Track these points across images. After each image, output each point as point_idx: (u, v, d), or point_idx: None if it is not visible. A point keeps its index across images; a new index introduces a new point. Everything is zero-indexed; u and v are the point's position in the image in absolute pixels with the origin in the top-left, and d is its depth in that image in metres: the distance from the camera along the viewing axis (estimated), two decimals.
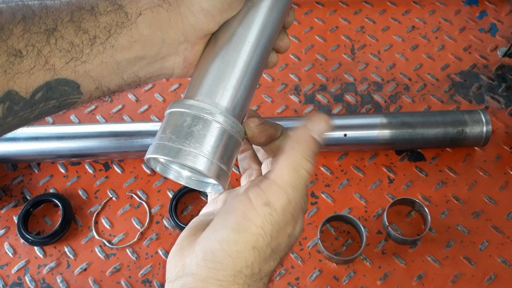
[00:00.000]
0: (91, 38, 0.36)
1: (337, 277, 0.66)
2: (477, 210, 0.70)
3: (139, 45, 0.38)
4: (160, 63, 0.40)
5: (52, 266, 0.68)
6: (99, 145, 0.71)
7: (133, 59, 0.38)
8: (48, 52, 0.34)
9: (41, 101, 0.36)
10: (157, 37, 0.38)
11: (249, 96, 0.41)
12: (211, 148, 0.36)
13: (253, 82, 0.41)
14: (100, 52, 0.36)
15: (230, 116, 0.38)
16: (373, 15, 0.91)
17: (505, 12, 0.91)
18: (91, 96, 0.39)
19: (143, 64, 0.39)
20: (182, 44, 0.39)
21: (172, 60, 0.40)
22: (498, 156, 0.74)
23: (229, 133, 0.37)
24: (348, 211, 0.71)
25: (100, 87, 0.38)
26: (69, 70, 0.35)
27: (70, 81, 0.36)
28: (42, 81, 0.35)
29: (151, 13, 0.37)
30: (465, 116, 0.71)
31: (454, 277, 0.65)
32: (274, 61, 0.47)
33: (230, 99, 0.38)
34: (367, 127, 0.71)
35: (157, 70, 0.40)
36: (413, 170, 0.74)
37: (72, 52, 0.35)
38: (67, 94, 0.37)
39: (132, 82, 0.40)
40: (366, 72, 0.84)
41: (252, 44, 0.40)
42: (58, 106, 0.37)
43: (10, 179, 0.76)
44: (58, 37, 0.35)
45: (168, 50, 0.39)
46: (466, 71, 0.84)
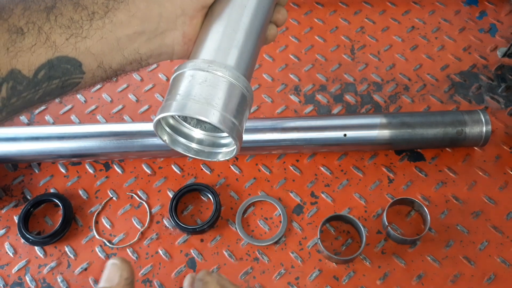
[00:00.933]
0: (89, 13, 0.36)
1: (336, 277, 0.66)
2: (476, 210, 0.70)
3: (137, 19, 0.38)
4: (159, 39, 0.40)
5: (53, 266, 0.69)
6: (100, 145, 0.71)
7: (132, 35, 0.38)
8: (49, 29, 0.35)
9: (44, 81, 0.36)
10: (154, 10, 0.38)
11: (253, 60, 0.40)
12: (221, 102, 0.36)
13: (255, 47, 0.40)
14: (100, 27, 0.37)
15: (237, 72, 0.37)
16: (373, 15, 0.92)
17: (504, 12, 0.91)
18: (93, 75, 0.39)
19: (143, 40, 0.39)
20: (179, 17, 0.40)
21: (171, 35, 0.41)
22: (498, 156, 0.74)
23: (239, 88, 0.37)
24: (347, 211, 0.71)
25: (102, 65, 0.39)
26: (70, 47, 0.36)
27: (72, 58, 0.36)
28: (44, 59, 0.35)
29: None
30: (464, 116, 0.71)
31: (454, 276, 0.65)
32: (274, 33, 0.47)
33: (236, 58, 0.38)
34: (367, 127, 0.71)
35: (157, 48, 0.41)
36: (412, 170, 0.74)
37: (72, 28, 0.36)
38: (69, 73, 0.37)
39: (134, 60, 0.40)
40: (365, 72, 0.85)
41: (252, 11, 0.40)
42: (62, 87, 0.38)
43: (11, 179, 0.76)
44: (57, 14, 0.35)
45: (166, 24, 0.40)
46: (465, 71, 0.84)
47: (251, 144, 0.72)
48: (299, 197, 0.72)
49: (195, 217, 0.71)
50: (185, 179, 0.75)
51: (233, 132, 0.36)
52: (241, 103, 0.37)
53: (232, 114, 0.36)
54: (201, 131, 0.42)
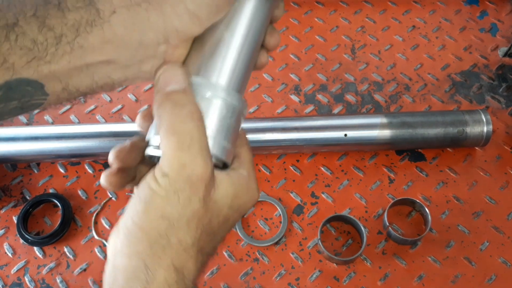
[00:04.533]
0: (56, 36, 0.32)
1: (337, 278, 0.66)
2: (477, 210, 0.70)
3: (112, 46, 0.34)
4: (137, 66, 0.37)
5: (52, 267, 0.68)
6: (99, 145, 0.71)
7: (105, 61, 0.35)
8: (7, 50, 0.31)
9: (1, 101, 0.33)
10: (133, 38, 0.35)
11: (245, 81, 0.40)
12: (215, 128, 0.35)
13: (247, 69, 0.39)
14: (67, 52, 0.33)
15: (231, 90, 0.37)
16: (374, 15, 0.91)
17: (505, 12, 0.91)
18: (58, 97, 0.35)
19: (117, 67, 0.36)
20: (161, 45, 0.36)
21: (151, 63, 0.37)
22: (499, 156, 0.74)
23: (232, 108, 0.36)
24: (348, 211, 0.71)
25: (67, 88, 0.35)
26: (31, 70, 0.32)
27: (33, 81, 0.33)
28: (1, 80, 0.31)
29: (127, 11, 0.34)
30: (465, 116, 0.70)
31: (455, 277, 0.65)
32: (264, 61, 0.44)
33: (228, 77, 0.37)
34: (368, 127, 0.71)
35: (133, 74, 0.37)
36: (413, 170, 0.74)
37: (34, 51, 0.32)
38: (30, 94, 0.33)
39: (105, 85, 0.37)
40: (366, 72, 0.84)
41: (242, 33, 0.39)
42: (21, 108, 0.34)
43: (10, 179, 0.76)
44: (19, 33, 0.31)
45: (146, 52, 0.36)
46: (466, 71, 0.83)
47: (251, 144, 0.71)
48: (299, 197, 0.72)
49: None
50: None
51: (226, 157, 0.37)
52: (234, 124, 0.37)
53: (224, 137, 0.36)
54: None
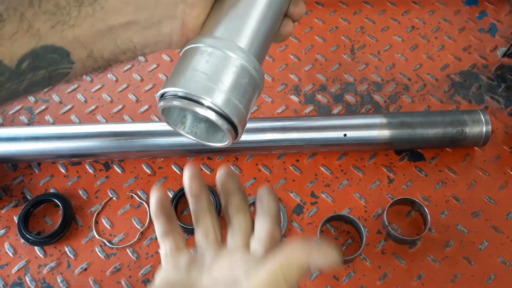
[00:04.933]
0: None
1: (337, 277, 0.66)
2: (476, 210, 0.70)
3: (131, 6, 0.34)
4: (156, 28, 0.37)
5: (53, 266, 0.69)
6: (100, 145, 0.71)
7: (126, 23, 0.35)
8: (32, 15, 0.31)
9: (28, 71, 0.33)
10: None
11: (265, 49, 0.38)
12: (229, 84, 0.34)
13: (268, 35, 0.37)
14: (90, 14, 0.33)
15: (250, 55, 0.35)
16: (373, 16, 0.92)
17: (504, 12, 0.91)
18: (84, 65, 0.36)
19: (137, 29, 0.36)
20: (179, 5, 0.36)
21: (169, 25, 0.37)
22: (498, 156, 0.74)
23: (250, 72, 0.35)
24: (348, 211, 0.71)
25: (92, 55, 0.35)
26: (56, 35, 0.32)
27: (58, 47, 0.33)
28: (27, 49, 0.32)
29: None
30: (464, 116, 0.71)
31: (454, 276, 0.65)
32: (289, 29, 0.42)
33: (249, 42, 0.36)
34: (367, 127, 0.71)
35: (153, 37, 0.37)
36: (412, 170, 0.74)
37: (58, 15, 0.32)
38: (56, 63, 0.34)
39: (128, 50, 0.37)
40: (365, 72, 0.85)
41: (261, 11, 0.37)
42: (49, 77, 0.34)
43: (11, 179, 0.76)
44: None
45: (164, 11, 0.36)
46: (465, 71, 0.84)
47: (251, 144, 0.72)
48: (299, 197, 0.72)
49: None
50: None
51: (238, 118, 0.34)
52: (252, 89, 0.35)
53: (240, 100, 0.34)
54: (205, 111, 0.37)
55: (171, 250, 0.42)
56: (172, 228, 0.43)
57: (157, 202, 0.42)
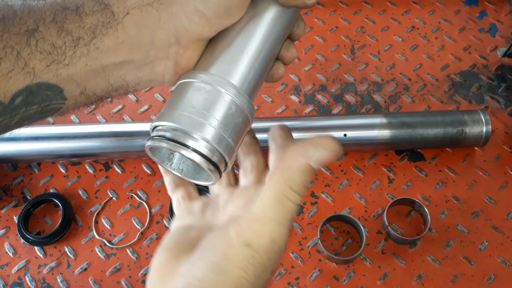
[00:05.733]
0: (74, 39, 0.33)
1: (337, 277, 0.66)
2: (476, 210, 0.70)
3: (126, 47, 0.35)
4: (149, 67, 0.37)
5: (53, 266, 0.69)
6: (100, 145, 0.71)
7: (119, 63, 0.36)
8: (28, 55, 0.32)
9: (21, 106, 0.33)
10: (145, 38, 0.35)
11: (257, 87, 0.39)
12: (219, 119, 0.34)
13: (259, 76, 0.38)
14: (84, 54, 0.34)
15: (242, 93, 0.36)
16: (373, 15, 0.92)
17: (504, 12, 0.91)
18: (76, 101, 0.36)
19: (130, 68, 0.37)
20: (172, 46, 0.37)
21: (163, 64, 0.38)
22: (498, 156, 0.74)
23: (240, 108, 0.35)
24: (348, 211, 0.71)
25: (84, 92, 0.36)
26: (50, 74, 0.33)
27: (52, 85, 0.34)
28: (22, 85, 0.32)
29: (140, 12, 0.35)
30: (464, 116, 0.71)
31: (454, 277, 0.65)
32: (281, 72, 0.43)
33: (241, 79, 0.36)
34: (367, 127, 0.71)
35: (146, 75, 0.38)
36: (413, 170, 0.74)
37: (53, 55, 0.33)
38: (49, 99, 0.34)
39: (120, 88, 0.38)
40: (366, 72, 0.85)
41: (259, 40, 0.38)
42: (41, 112, 0.35)
43: (11, 179, 0.76)
44: (39, 39, 0.32)
45: (157, 52, 0.37)
46: (465, 71, 0.84)
47: None
48: None
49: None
50: None
51: (228, 154, 0.35)
52: (243, 126, 0.36)
53: (230, 136, 0.35)
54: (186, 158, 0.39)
55: (183, 198, 0.42)
56: (182, 180, 0.42)
57: None
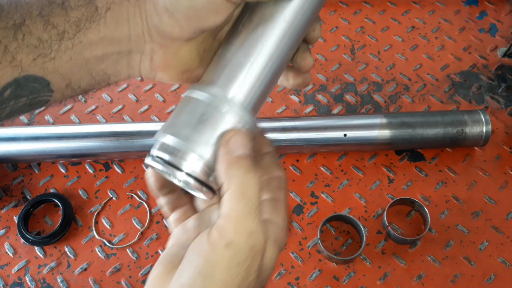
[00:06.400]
0: (59, 33, 0.35)
1: (337, 277, 0.66)
2: (476, 210, 0.70)
3: (107, 40, 0.36)
4: (126, 60, 0.39)
5: (53, 266, 0.69)
6: (100, 145, 0.71)
7: (101, 56, 0.37)
8: (15, 48, 0.33)
9: (10, 99, 0.35)
10: (123, 32, 0.37)
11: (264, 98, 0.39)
12: (219, 137, 0.35)
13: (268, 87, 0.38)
14: (69, 48, 0.35)
15: (245, 109, 0.36)
16: (373, 15, 0.92)
17: (505, 12, 0.91)
18: (62, 94, 0.38)
19: (110, 61, 0.38)
20: (148, 43, 0.38)
21: (138, 58, 0.39)
22: (498, 156, 0.74)
23: (242, 126, 0.36)
24: (348, 211, 0.71)
25: (70, 85, 0.37)
26: (37, 67, 0.35)
27: (39, 77, 0.35)
28: (10, 78, 0.34)
29: (119, 7, 0.36)
30: (464, 116, 0.71)
31: (454, 276, 0.65)
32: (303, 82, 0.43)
33: (245, 95, 0.37)
34: (367, 127, 0.71)
35: (124, 68, 0.39)
36: (413, 170, 0.74)
37: (40, 48, 0.34)
38: (37, 91, 0.36)
39: (102, 81, 0.39)
40: (366, 72, 0.85)
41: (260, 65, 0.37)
42: (29, 104, 0.36)
43: (10, 179, 0.76)
44: (26, 32, 0.34)
45: (134, 46, 0.38)
46: (465, 71, 0.84)
47: None
48: (299, 197, 0.72)
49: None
50: None
51: None
52: None
53: None
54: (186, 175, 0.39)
55: (179, 218, 0.42)
56: (178, 201, 0.42)
57: (157, 182, 0.40)
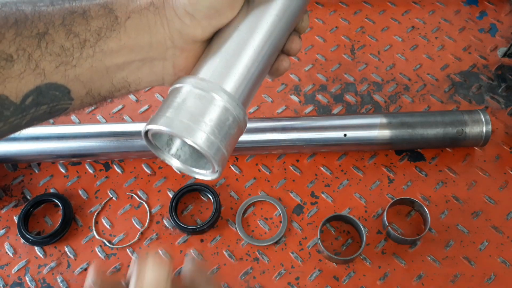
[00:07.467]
0: (81, 41, 0.36)
1: (337, 277, 0.66)
2: (476, 210, 0.70)
3: (127, 48, 0.38)
4: (148, 68, 0.40)
5: (53, 266, 0.69)
6: (100, 145, 0.71)
7: (121, 64, 0.38)
8: (39, 56, 0.34)
9: (31, 107, 0.35)
10: (144, 40, 0.38)
11: (254, 88, 0.39)
12: (211, 125, 0.35)
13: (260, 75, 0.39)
14: (90, 56, 0.36)
15: (235, 99, 0.36)
16: (373, 15, 0.92)
17: (505, 12, 0.91)
18: (82, 102, 0.38)
19: (132, 69, 0.39)
20: (169, 49, 0.39)
21: (161, 65, 0.40)
22: (498, 156, 0.74)
23: (233, 115, 0.36)
24: (348, 211, 0.71)
25: (90, 92, 0.38)
26: (59, 74, 0.35)
27: (60, 85, 0.36)
28: (33, 86, 0.34)
29: (139, 16, 0.37)
30: (464, 116, 0.71)
31: (454, 276, 0.65)
32: (286, 65, 0.44)
33: (236, 84, 0.37)
34: (367, 127, 0.71)
35: (146, 76, 0.40)
36: (412, 170, 0.74)
37: (62, 56, 0.35)
38: (57, 99, 0.37)
39: (122, 88, 0.40)
40: (366, 72, 0.85)
41: (261, 36, 0.38)
42: (49, 112, 0.37)
43: (10, 179, 0.76)
44: (49, 41, 0.35)
45: (155, 54, 0.39)
46: (465, 71, 0.84)
47: (251, 144, 0.72)
48: (299, 197, 0.72)
49: (195, 217, 0.71)
50: (185, 179, 0.75)
51: (218, 160, 0.35)
52: (235, 132, 0.37)
53: (219, 139, 0.35)
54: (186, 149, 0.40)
55: None
56: None
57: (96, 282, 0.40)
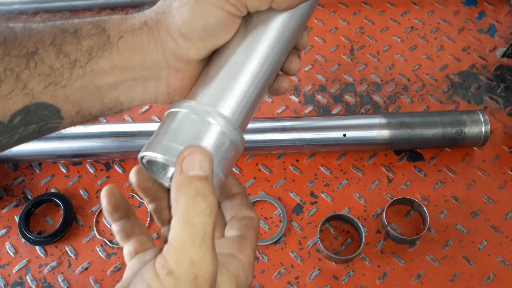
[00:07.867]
0: (71, 61, 0.35)
1: (336, 276, 0.66)
2: (475, 209, 0.70)
3: (120, 68, 0.36)
4: (141, 87, 0.38)
5: (53, 266, 0.69)
6: (100, 145, 0.72)
7: (113, 83, 0.37)
8: (27, 76, 0.33)
9: (20, 126, 0.35)
10: (137, 60, 0.37)
11: (252, 110, 0.39)
12: (214, 156, 0.34)
13: (258, 97, 0.38)
14: (80, 76, 0.35)
15: (232, 122, 0.36)
16: (372, 16, 0.92)
17: (503, 12, 0.91)
18: (72, 120, 0.38)
19: (124, 88, 0.38)
20: (163, 69, 0.38)
21: (154, 84, 0.39)
22: (497, 156, 0.75)
23: (230, 139, 0.35)
24: (347, 210, 0.71)
25: (81, 112, 0.37)
26: (48, 94, 0.35)
27: (50, 105, 0.35)
28: (21, 105, 0.34)
29: (132, 36, 0.36)
30: (463, 116, 0.71)
31: (453, 276, 0.65)
32: (285, 86, 0.42)
33: (232, 110, 0.36)
34: (366, 127, 0.71)
35: (139, 95, 0.39)
36: (412, 170, 0.74)
37: (51, 76, 0.34)
38: (47, 118, 0.36)
39: (114, 107, 0.39)
40: (365, 72, 0.85)
41: (260, 57, 0.38)
42: (39, 131, 0.36)
43: (12, 179, 0.77)
44: (38, 61, 0.34)
45: (149, 73, 0.38)
46: (464, 72, 0.84)
47: (251, 144, 0.72)
48: (299, 197, 0.73)
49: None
50: None
51: (218, 187, 0.35)
52: (232, 157, 0.36)
53: (215, 164, 0.35)
54: None
55: (135, 249, 0.41)
56: (133, 228, 0.41)
57: (110, 203, 0.39)
